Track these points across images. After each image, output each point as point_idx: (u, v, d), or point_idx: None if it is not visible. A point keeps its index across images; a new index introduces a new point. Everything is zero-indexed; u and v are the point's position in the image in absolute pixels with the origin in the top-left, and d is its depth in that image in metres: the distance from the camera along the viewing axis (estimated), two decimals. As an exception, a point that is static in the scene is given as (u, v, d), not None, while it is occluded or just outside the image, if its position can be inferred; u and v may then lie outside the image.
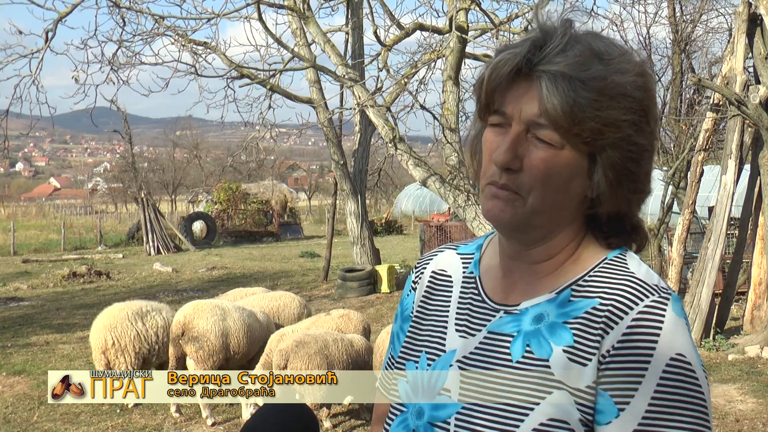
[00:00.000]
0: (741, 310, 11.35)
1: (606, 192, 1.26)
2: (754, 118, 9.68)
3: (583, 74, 1.20)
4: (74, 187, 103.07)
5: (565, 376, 1.21)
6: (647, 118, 1.26)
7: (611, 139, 1.22)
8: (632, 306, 1.21)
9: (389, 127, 10.90)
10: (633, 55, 1.28)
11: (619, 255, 1.31)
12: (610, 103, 1.21)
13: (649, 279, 1.25)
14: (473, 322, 1.35)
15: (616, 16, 17.18)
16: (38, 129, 61.59)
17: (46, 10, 12.38)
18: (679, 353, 1.18)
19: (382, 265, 16.75)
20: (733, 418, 7.17)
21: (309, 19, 12.41)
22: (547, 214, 1.28)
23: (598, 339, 1.21)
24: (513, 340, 1.28)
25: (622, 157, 1.24)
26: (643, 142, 1.25)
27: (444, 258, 1.51)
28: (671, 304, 1.21)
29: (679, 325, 1.20)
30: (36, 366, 9.83)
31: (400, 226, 35.72)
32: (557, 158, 1.23)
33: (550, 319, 1.26)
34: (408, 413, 1.35)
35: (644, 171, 1.29)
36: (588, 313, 1.24)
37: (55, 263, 22.35)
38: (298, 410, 1.37)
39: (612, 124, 1.21)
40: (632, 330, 1.19)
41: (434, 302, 1.45)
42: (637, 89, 1.24)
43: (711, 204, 11.76)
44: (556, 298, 1.29)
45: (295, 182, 77.93)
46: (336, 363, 6.66)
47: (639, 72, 1.25)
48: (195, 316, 7.35)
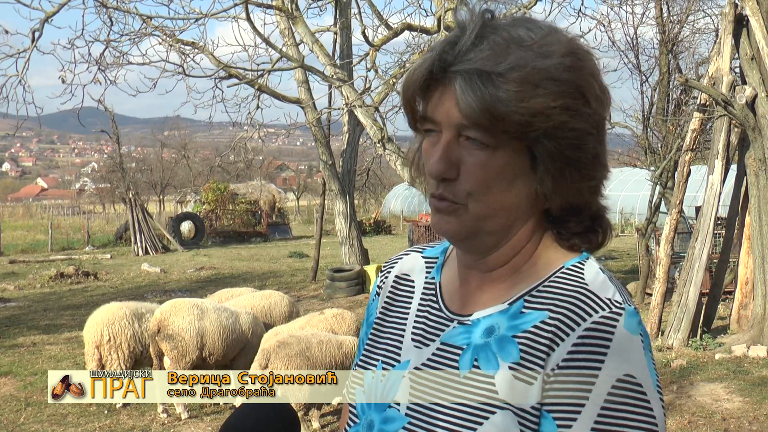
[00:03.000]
0: (728, 309, 11.41)
1: (550, 185, 1.17)
2: (741, 119, 9.73)
3: (499, 66, 1.11)
4: (62, 188, 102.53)
5: (510, 395, 1.13)
6: (585, 99, 1.15)
7: (543, 129, 1.13)
8: (581, 321, 1.12)
9: (378, 127, 10.91)
10: (559, 34, 1.17)
11: (578, 263, 1.22)
12: (534, 91, 1.11)
13: (603, 291, 1.16)
14: (428, 331, 1.29)
15: (604, 17, 17.19)
16: (25, 129, 61.32)
17: (32, 9, 12.33)
18: (628, 374, 1.10)
19: (370, 265, 16.75)
20: (720, 417, 7.20)
21: (297, 19, 12.40)
22: (496, 218, 1.20)
23: (544, 356, 1.13)
24: (462, 353, 1.21)
25: (559, 145, 1.14)
26: (581, 126, 1.15)
27: (409, 262, 1.44)
28: (624, 320, 1.12)
29: (630, 342, 1.11)
30: (23, 367, 9.78)
31: (388, 226, 35.73)
32: (493, 159, 1.16)
33: (501, 332, 1.18)
34: (360, 425, 1.30)
35: (590, 156, 1.18)
36: (536, 327, 1.15)
37: (42, 264, 22.23)
38: (279, 409, 1.35)
39: (540, 113, 1.12)
40: (578, 347, 1.11)
41: (395, 309, 1.39)
42: (566, 71, 1.13)
43: (698, 204, 11.82)
44: (508, 309, 1.21)
45: (284, 182, 77.73)
46: (318, 365, 6.62)
47: (566, 52, 1.15)
48: (171, 314, 7.37)
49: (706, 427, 6.94)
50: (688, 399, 7.75)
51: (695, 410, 7.38)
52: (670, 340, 9.92)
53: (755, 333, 9.75)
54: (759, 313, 9.82)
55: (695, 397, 7.82)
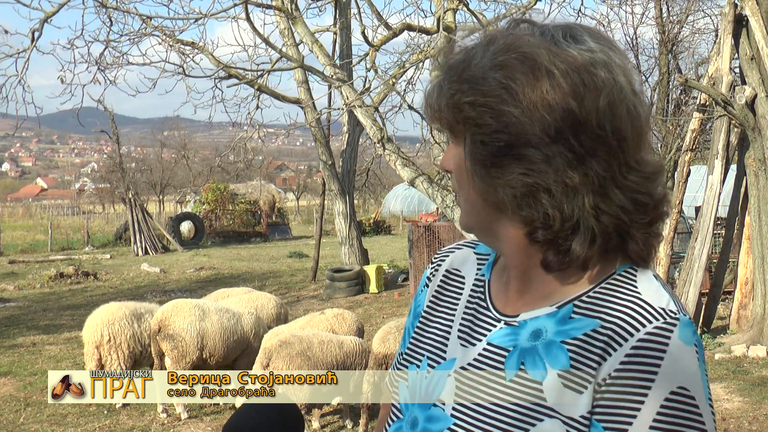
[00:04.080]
0: (727, 309, 11.41)
1: (477, 180, 1.17)
2: (741, 119, 9.74)
3: (456, 69, 1.17)
4: (61, 188, 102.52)
5: (559, 403, 1.11)
6: (511, 96, 1.11)
7: (458, 121, 1.17)
8: (634, 331, 1.10)
9: (377, 128, 10.91)
10: (511, 36, 1.15)
11: (631, 269, 1.19)
12: (460, 87, 1.15)
13: (658, 301, 1.13)
14: (475, 330, 1.28)
15: (604, 17, 17.23)
16: (25, 129, 61.29)
17: (32, 9, 12.31)
18: (681, 386, 1.08)
19: (370, 266, 16.75)
20: (720, 416, 7.21)
21: (297, 20, 12.40)
22: (474, 214, 1.22)
23: (595, 365, 1.11)
24: (508, 355, 1.19)
25: (471, 141, 1.16)
26: (490, 122, 1.12)
27: (460, 255, 1.43)
28: (678, 330, 1.10)
29: (685, 353, 1.09)
30: (22, 367, 9.78)
31: (388, 226, 35.72)
32: (450, 152, 1.24)
33: (548, 337, 1.16)
34: (403, 421, 1.29)
35: (491, 153, 1.14)
36: (587, 335, 1.13)
37: (42, 264, 22.22)
38: (283, 408, 1.35)
39: (455, 106, 1.16)
40: (631, 358, 1.09)
41: (443, 303, 1.38)
42: (493, 69, 1.13)
43: (698, 204, 11.82)
44: (556, 312, 1.18)
45: (284, 182, 77.72)
46: (319, 365, 6.63)
47: (499, 50, 1.15)
48: (172, 314, 7.39)
49: (706, 427, 6.94)
50: (687, 399, 7.75)
51: (695, 410, 7.38)
52: (670, 340, 9.91)
53: (755, 333, 9.76)
54: (759, 313, 9.83)
55: (695, 397, 7.81)
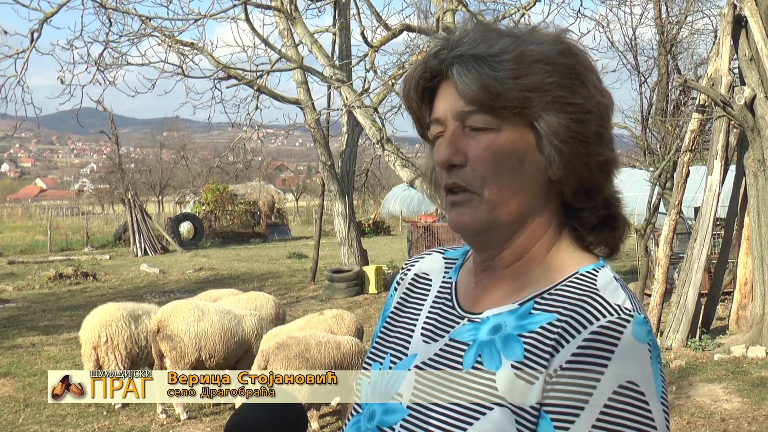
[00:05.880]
0: (727, 310, 11.41)
1: (557, 160, 1.19)
2: (740, 119, 9.74)
3: (492, 49, 1.18)
4: (60, 188, 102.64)
5: (510, 393, 1.13)
6: (580, 81, 1.19)
7: (542, 103, 1.17)
8: (587, 324, 1.12)
9: (376, 128, 10.91)
10: (546, 30, 1.24)
11: (593, 270, 1.22)
12: (529, 69, 1.16)
13: (614, 298, 1.16)
14: (439, 327, 1.30)
15: (603, 18, 17.25)
16: (24, 130, 61.24)
17: (31, 10, 12.34)
18: (631, 381, 1.09)
19: (369, 266, 16.74)
20: (719, 417, 7.21)
21: (296, 20, 12.40)
22: (510, 204, 1.21)
23: (548, 356, 1.13)
24: (468, 348, 1.22)
25: (560, 119, 1.18)
26: (579, 101, 1.18)
27: (429, 261, 1.46)
28: (632, 326, 1.12)
29: (637, 349, 1.11)
30: (22, 368, 9.78)
31: (387, 226, 35.71)
32: (498, 140, 1.19)
33: (507, 331, 1.19)
34: (362, 415, 1.31)
35: (593, 132, 1.20)
36: (543, 327, 1.15)
37: (41, 264, 22.22)
38: (287, 406, 1.35)
39: (537, 88, 1.16)
40: (582, 350, 1.11)
41: (409, 305, 1.41)
42: (560, 55, 1.19)
43: (697, 204, 11.81)
44: (518, 309, 1.21)
45: (283, 183, 77.63)
46: (317, 366, 6.63)
47: (556, 40, 1.21)
48: (171, 315, 7.39)
49: (705, 428, 6.95)
50: (687, 399, 7.76)
51: (694, 411, 7.39)
52: (669, 340, 9.92)
53: (754, 333, 9.76)
54: (758, 313, 9.83)
55: (694, 397, 7.82)
